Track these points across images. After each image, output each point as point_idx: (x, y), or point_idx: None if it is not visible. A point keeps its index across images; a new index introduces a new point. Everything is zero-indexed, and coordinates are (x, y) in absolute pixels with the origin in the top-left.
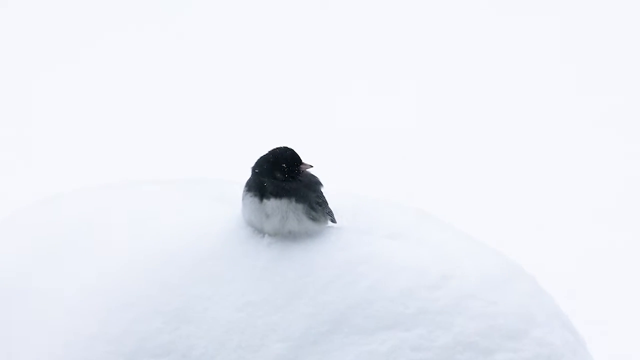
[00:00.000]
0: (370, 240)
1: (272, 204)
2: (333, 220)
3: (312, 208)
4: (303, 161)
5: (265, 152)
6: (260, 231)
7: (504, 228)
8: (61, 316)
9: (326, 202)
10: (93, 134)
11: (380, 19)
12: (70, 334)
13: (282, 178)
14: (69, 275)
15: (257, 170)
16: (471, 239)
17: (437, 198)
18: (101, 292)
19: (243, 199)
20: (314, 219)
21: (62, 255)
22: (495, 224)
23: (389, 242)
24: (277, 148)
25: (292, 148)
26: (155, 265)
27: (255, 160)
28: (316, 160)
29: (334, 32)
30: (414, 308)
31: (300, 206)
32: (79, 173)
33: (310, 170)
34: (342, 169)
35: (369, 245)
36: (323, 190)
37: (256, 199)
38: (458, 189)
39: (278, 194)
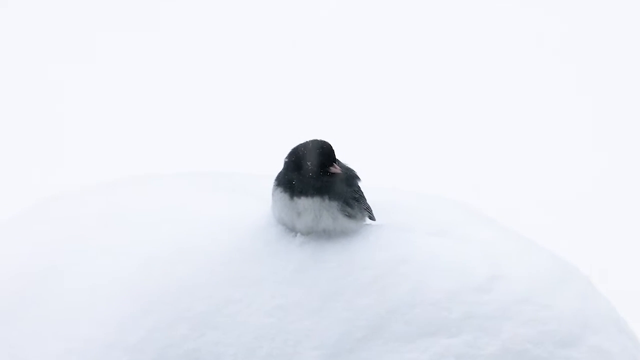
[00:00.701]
0: (412, 239)
1: (303, 202)
2: (372, 217)
3: (348, 204)
4: (335, 161)
5: (300, 141)
6: (291, 229)
7: (555, 224)
8: (76, 321)
9: (364, 198)
10: (94, 130)
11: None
12: (86, 341)
13: (313, 174)
14: (84, 276)
15: (287, 163)
16: (520, 236)
17: (479, 191)
18: (119, 295)
19: (273, 194)
20: (350, 216)
21: (77, 256)
22: (544, 219)
23: (432, 240)
24: (312, 141)
25: (328, 142)
26: (177, 266)
27: (290, 150)
28: (343, 152)
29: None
30: (459, 312)
31: (334, 203)
32: (83, 170)
33: (344, 161)
34: (371, 160)
35: (410, 243)
36: (360, 184)
37: (286, 196)
38: (501, 181)
39: (309, 192)
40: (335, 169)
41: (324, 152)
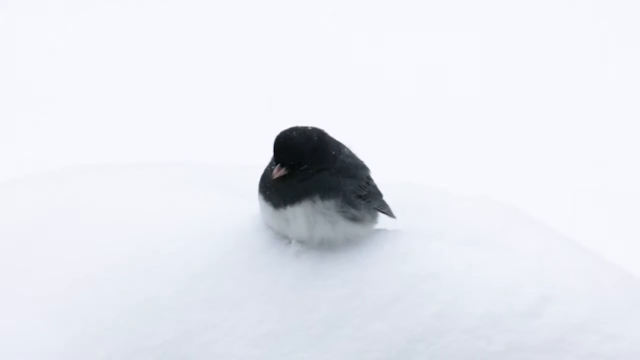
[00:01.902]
0: (440, 249)
1: (289, 211)
2: (390, 214)
3: (351, 203)
4: (284, 161)
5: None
6: (284, 236)
7: (622, 234)
8: (6, 353)
9: (375, 193)
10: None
11: None
12: None
13: (301, 177)
14: (17, 292)
15: (270, 162)
16: (580, 247)
17: (527, 191)
18: (60, 318)
19: (258, 199)
20: (354, 219)
21: (9, 262)
22: (612, 226)
23: (466, 251)
24: (281, 131)
25: (294, 132)
26: (137, 280)
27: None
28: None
29: None
30: (500, 343)
31: (330, 203)
32: (30, 155)
33: (352, 148)
34: (389, 152)
35: (437, 255)
36: (372, 175)
37: (268, 205)
38: (556, 180)
39: (292, 198)
40: (275, 172)
41: (274, 147)
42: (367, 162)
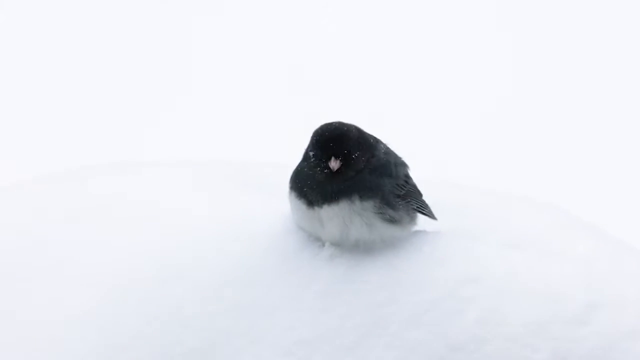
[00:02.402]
0: (482, 252)
1: (325, 210)
2: (430, 216)
3: (389, 204)
4: (337, 154)
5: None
6: (316, 238)
7: None
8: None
9: (415, 192)
10: (69, 109)
11: None
12: None
13: (327, 171)
14: (38, 297)
15: (303, 157)
16: (630, 250)
17: (576, 190)
18: (83, 325)
19: (289, 199)
20: (392, 221)
21: (31, 266)
22: None
23: (511, 254)
24: (322, 125)
25: (338, 125)
26: (161, 286)
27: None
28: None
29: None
30: (546, 352)
31: (368, 204)
32: (50, 153)
33: (388, 144)
34: (427, 147)
35: (480, 258)
36: (411, 173)
37: (302, 204)
38: (607, 180)
39: (329, 196)
40: (332, 165)
41: (321, 141)
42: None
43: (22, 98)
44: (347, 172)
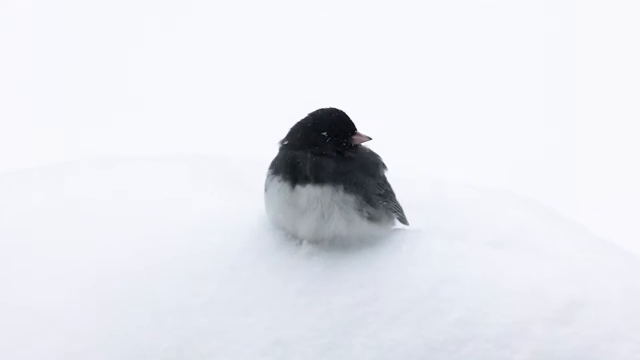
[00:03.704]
0: (462, 250)
1: (308, 192)
2: (403, 220)
3: (370, 202)
4: (357, 130)
5: (302, 116)
6: (294, 235)
7: None
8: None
9: (392, 193)
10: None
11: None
12: None
13: (326, 152)
14: (11, 295)
15: (287, 143)
16: (613, 248)
17: (557, 186)
18: (57, 321)
19: (267, 188)
20: (372, 218)
21: (4, 264)
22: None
23: (491, 253)
24: (320, 109)
25: (342, 110)
26: (136, 284)
27: (291, 127)
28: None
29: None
30: (526, 352)
31: (350, 198)
32: (29, 148)
33: (367, 144)
34: (405, 144)
35: (460, 257)
36: (388, 175)
37: (286, 185)
38: (589, 172)
39: (318, 176)
40: (361, 138)
41: (339, 120)
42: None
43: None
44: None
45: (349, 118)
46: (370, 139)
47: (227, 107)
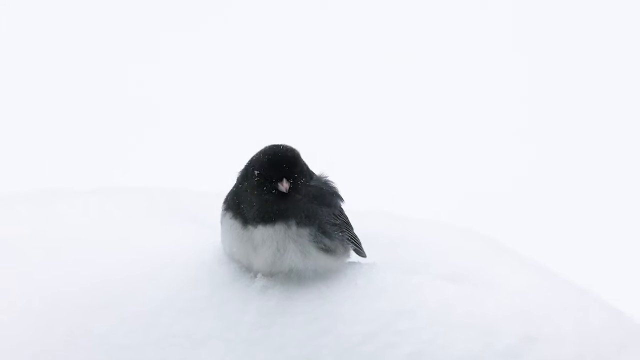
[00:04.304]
0: (417, 284)
1: (260, 232)
2: (360, 252)
3: (325, 233)
4: (289, 175)
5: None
6: (248, 268)
7: (612, 267)
8: None
9: (348, 224)
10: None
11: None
12: None
13: (261, 191)
14: None
15: (239, 176)
16: (567, 282)
17: (512, 223)
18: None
19: (221, 222)
20: (327, 250)
21: None
22: (600, 260)
23: (445, 287)
24: (269, 146)
25: (288, 147)
26: (89, 315)
27: (247, 162)
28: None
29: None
30: None
31: (304, 231)
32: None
33: (324, 175)
34: (364, 179)
35: (414, 290)
36: (344, 206)
37: (237, 223)
38: (543, 209)
39: (266, 216)
40: (282, 187)
41: (272, 161)
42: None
43: None
44: (294, 195)
45: (282, 161)
46: (286, 193)
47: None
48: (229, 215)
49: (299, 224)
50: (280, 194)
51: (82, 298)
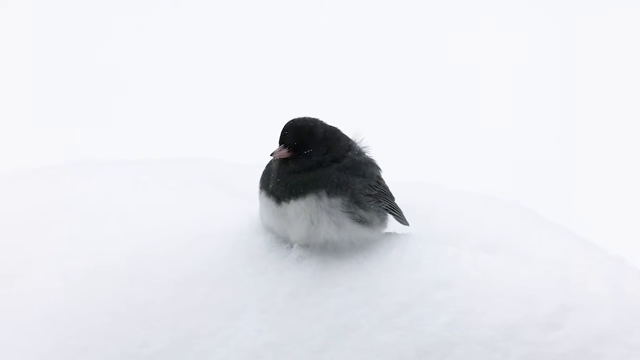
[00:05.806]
0: (453, 255)
1: (293, 206)
2: (402, 221)
3: (359, 204)
4: (286, 141)
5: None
6: (285, 239)
7: None
8: None
9: (387, 194)
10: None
11: None
12: None
13: (304, 162)
14: (10, 287)
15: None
16: (602, 252)
17: (547, 192)
18: (47, 322)
19: (259, 199)
20: (362, 221)
21: (12, 255)
22: (636, 231)
23: (482, 257)
24: (294, 118)
25: (307, 118)
26: (127, 285)
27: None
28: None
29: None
30: (518, 356)
31: (337, 201)
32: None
33: (364, 147)
34: (400, 149)
35: (451, 261)
36: (382, 175)
37: (271, 201)
38: (577, 179)
39: (295, 190)
40: (277, 152)
41: (281, 131)
42: (378, 161)
43: None
44: (294, 164)
45: (284, 131)
46: (277, 157)
47: (223, 111)
48: (263, 193)
49: (330, 193)
50: (281, 160)
51: (121, 268)
